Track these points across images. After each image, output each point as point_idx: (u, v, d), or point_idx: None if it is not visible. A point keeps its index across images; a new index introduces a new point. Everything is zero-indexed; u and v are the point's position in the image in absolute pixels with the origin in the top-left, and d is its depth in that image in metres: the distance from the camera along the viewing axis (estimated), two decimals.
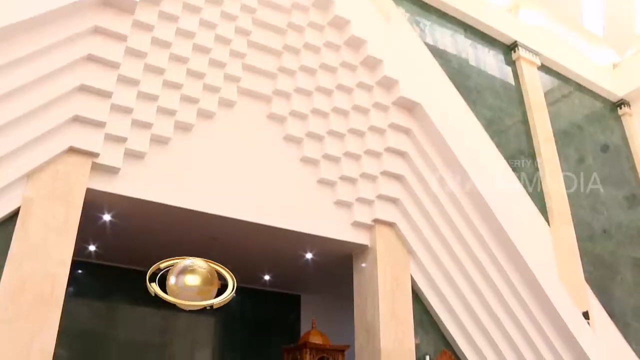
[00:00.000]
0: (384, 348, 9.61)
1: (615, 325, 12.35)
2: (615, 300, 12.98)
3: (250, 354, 13.13)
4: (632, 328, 12.87)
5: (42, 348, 6.82)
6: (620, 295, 13.19)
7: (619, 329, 12.37)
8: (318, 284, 13.22)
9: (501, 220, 10.60)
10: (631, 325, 12.91)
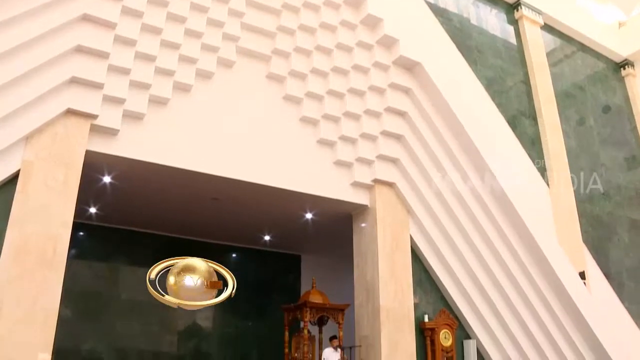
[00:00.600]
0: (383, 307, 9.77)
1: (610, 285, 12.50)
2: (611, 261, 13.10)
3: (251, 313, 13.31)
4: (627, 287, 13.03)
5: (47, 308, 6.97)
6: (616, 256, 13.31)
7: (613, 288, 12.53)
8: (318, 244, 13.34)
9: (500, 180, 10.62)
10: (626, 284, 13.07)
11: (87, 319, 11.54)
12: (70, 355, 11.10)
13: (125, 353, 11.93)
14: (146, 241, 12.52)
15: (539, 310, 10.93)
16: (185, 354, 12.70)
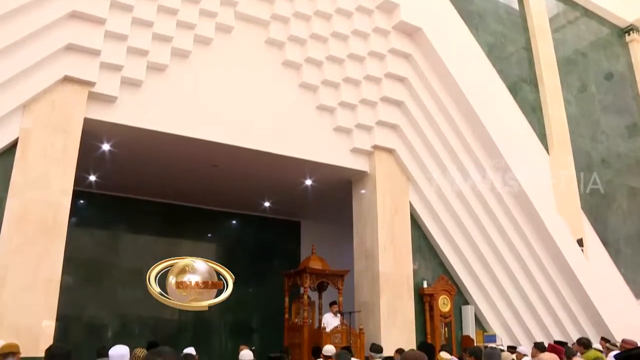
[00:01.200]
0: (383, 273, 9.86)
1: (607, 252, 12.59)
2: (609, 228, 13.17)
3: (252, 279, 13.41)
4: (623, 254, 13.13)
5: (49, 275, 7.04)
6: (614, 223, 13.37)
7: (610, 255, 12.62)
8: (318, 210, 13.38)
9: (500, 147, 10.61)
10: (622, 251, 13.16)
11: (89, 286, 11.65)
12: (73, 322, 11.25)
13: (127, 320, 12.07)
14: (146, 208, 12.57)
15: (537, 276, 11.03)
16: (186, 321, 12.85)
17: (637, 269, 13.32)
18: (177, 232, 13.00)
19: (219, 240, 13.79)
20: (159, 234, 12.86)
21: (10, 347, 5.18)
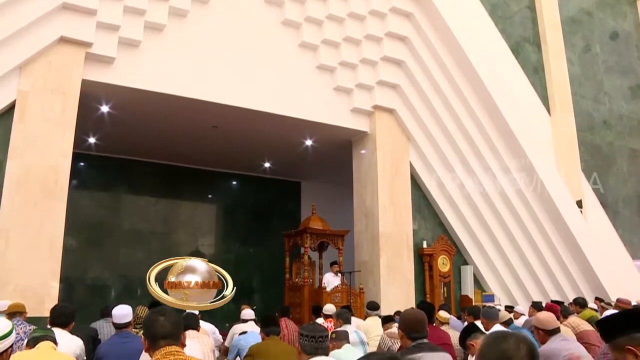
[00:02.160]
0: (383, 233, 9.92)
1: (605, 213, 12.64)
2: (608, 190, 13.18)
3: (252, 240, 13.53)
4: (621, 216, 13.18)
5: (52, 237, 7.09)
6: (614, 185, 13.38)
7: (609, 216, 12.68)
8: (318, 170, 13.39)
9: (502, 108, 10.53)
10: (620, 213, 13.21)
11: (91, 247, 11.76)
12: (77, 283, 11.39)
13: (129, 280, 12.20)
14: (146, 170, 12.58)
15: (535, 237, 11.10)
16: None
17: (635, 230, 13.41)
18: (177, 194, 13.04)
19: (219, 201, 13.84)
20: (159, 196, 12.90)
21: (17, 307, 5.25)
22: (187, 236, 13.14)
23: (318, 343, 2.97)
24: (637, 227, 13.59)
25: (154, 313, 2.57)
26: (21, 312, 5.22)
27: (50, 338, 3.53)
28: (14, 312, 5.12)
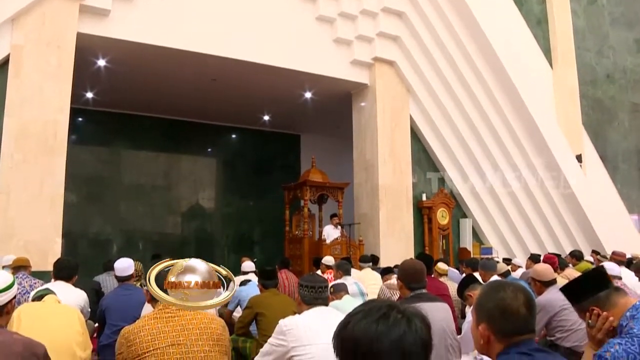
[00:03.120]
0: (382, 185, 9.93)
1: (605, 168, 12.63)
2: (609, 144, 13.14)
3: (252, 193, 13.57)
4: (620, 170, 13.18)
5: (52, 193, 7.10)
6: (614, 139, 13.32)
7: (608, 171, 12.67)
8: (317, 123, 13.32)
9: (503, 60, 10.37)
10: (620, 167, 13.21)
11: (93, 203, 11.79)
12: (79, 238, 11.48)
13: (131, 234, 12.31)
14: (146, 124, 12.50)
15: (534, 191, 11.12)
16: (189, 234, 13.11)
17: (633, 185, 13.44)
18: (177, 148, 13.01)
19: (219, 155, 13.81)
20: (159, 150, 12.86)
21: (21, 261, 5.30)
22: (187, 190, 13.17)
23: (318, 293, 3.01)
24: (636, 181, 13.61)
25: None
26: (25, 267, 5.28)
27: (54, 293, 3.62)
28: (19, 267, 5.19)
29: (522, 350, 1.51)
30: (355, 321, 1.17)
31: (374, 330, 1.13)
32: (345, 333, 1.17)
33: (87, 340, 3.57)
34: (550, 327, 3.95)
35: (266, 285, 4.61)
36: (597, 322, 1.96)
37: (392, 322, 1.14)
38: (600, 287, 2.00)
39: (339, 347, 1.19)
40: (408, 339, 1.13)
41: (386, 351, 1.12)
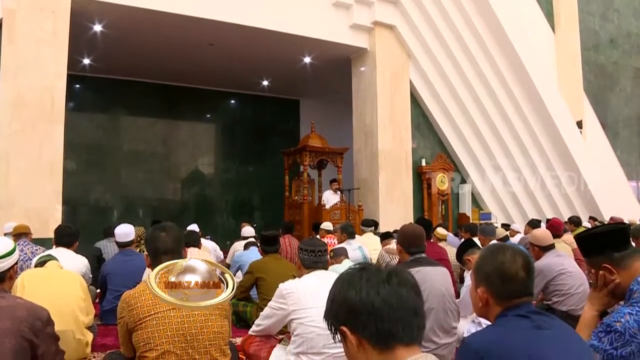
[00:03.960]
0: (382, 151, 9.92)
1: (605, 134, 12.59)
2: (610, 110, 13.07)
3: (251, 158, 13.54)
4: (621, 137, 13.15)
5: (51, 160, 7.10)
6: (616, 105, 13.24)
7: (608, 137, 12.64)
8: (317, 88, 13.21)
9: (504, 23, 10.21)
10: (620, 134, 13.17)
11: (92, 169, 11.78)
12: (80, 205, 11.51)
13: (131, 201, 12.34)
14: (144, 90, 12.40)
15: (534, 156, 11.11)
16: (188, 200, 13.14)
17: (633, 151, 13.43)
18: (176, 114, 12.93)
19: (218, 121, 13.74)
20: (158, 116, 12.79)
21: (22, 229, 5.32)
22: (186, 156, 13.15)
23: (317, 257, 3.02)
24: (636, 148, 13.60)
25: (156, 229, 2.60)
26: (26, 234, 5.30)
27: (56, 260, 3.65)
28: (20, 234, 5.21)
29: (520, 312, 1.52)
30: (351, 284, 1.19)
31: (375, 286, 1.17)
32: (345, 293, 1.19)
33: (90, 306, 3.62)
34: (547, 292, 3.99)
35: (267, 250, 4.63)
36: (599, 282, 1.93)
37: (395, 282, 1.18)
38: (618, 246, 1.91)
39: (338, 309, 1.20)
40: (406, 295, 1.17)
41: (387, 301, 1.15)
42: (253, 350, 3.04)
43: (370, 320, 1.15)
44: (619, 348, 1.67)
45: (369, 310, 1.15)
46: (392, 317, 1.14)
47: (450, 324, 3.28)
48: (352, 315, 1.17)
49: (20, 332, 2.01)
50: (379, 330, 1.14)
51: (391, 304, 1.15)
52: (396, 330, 1.14)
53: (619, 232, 1.96)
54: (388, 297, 1.15)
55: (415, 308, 1.18)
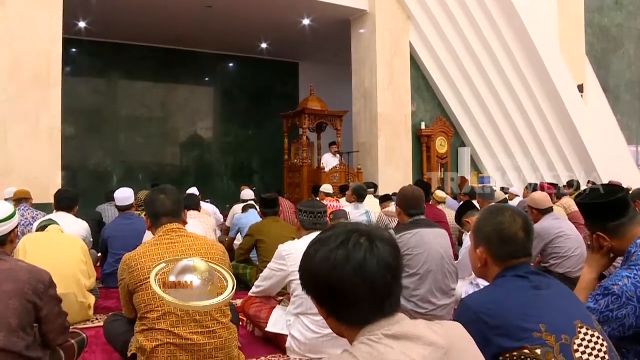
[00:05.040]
0: (381, 114, 9.86)
1: (606, 98, 12.50)
2: (612, 74, 12.95)
3: (251, 122, 13.47)
4: (622, 101, 13.06)
5: (49, 126, 7.06)
6: (618, 69, 13.12)
7: (609, 101, 12.55)
8: (316, 51, 13.05)
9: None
10: (621, 98, 13.08)
11: (91, 135, 11.72)
12: (80, 171, 11.50)
13: (130, 166, 12.31)
14: (141, 54, 12.26)
15: (534, 120, 11.06)
16: (188, 165, 13.13)
17: (634, 115, 13.36)
18: (174, 77, 12.79)
19: (217, 84, 13.61)
20: (156, 80, 12.66)
21: (22, 194, 5.33)
22: (185, 120, 13.07)
23: (317, 218, 3.03)
24: (637, 112, 13.52)
25: (155, 191, 2.61)
26: (27, 199, 5.31)
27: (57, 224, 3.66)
28: (20, 199, 5.22)
29: (518, 273, 1.53)
30: (313, 251, 1.09)
31: (332, 259, 1.05)
32: (305, 264, 1.11)
33: (91, 269, 3.65)
34: (545, 254, 4.03)
35: (266, 213, 4.64)
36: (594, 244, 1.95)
37: (351, 248, 1.06)
38: (614, 217, 1.90)
39: (302, 278, 1.13)
40: (370, 264, 1.04)
41: (347, 280, 1.03)
42: (253, 312, 3.08)
43: (333, 299, 1.07)
44: (615, 310, 1.69)
45: (331, 290, 1.06)
46: (356, 298, 1.05)
47: (449, 286, 3.31)
48: (316, 290, 1.10)
49: (23, 294, 2.03)
50: (342, 310, 1.07)
51: (352, 283, 1.04)
52: (361, 310, 1.06)
53: (615, 204, 1.94)
54: (350, 276, 1.03)
55: (384, 282, 1.05)
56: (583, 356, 1.37)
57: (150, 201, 2.55)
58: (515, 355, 1.36)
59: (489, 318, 1.41)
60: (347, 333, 1.09)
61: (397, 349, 1.01)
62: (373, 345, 1.02)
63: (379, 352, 1.00)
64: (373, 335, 1.03)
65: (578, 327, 1.41)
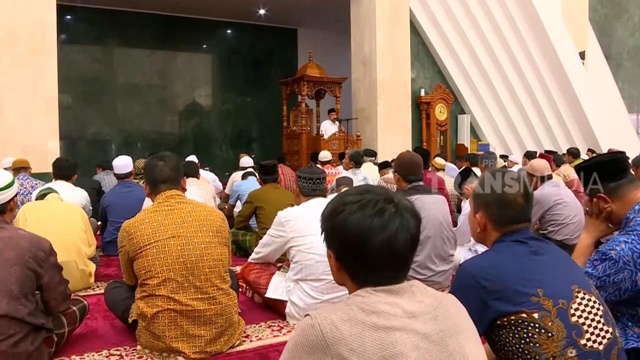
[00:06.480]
0: (380, 80, 9.78)
1: (608, 66, 12.38)
2: (614, 41, 12.80)
3: (249, 89, 13.38)
4: (624, 68, 12.94)
5: (46, 94, 6.99)
6: (621, 36, 12.96)
7: (611, 69, 12.43)
8: (314, 17, 12.86)
9: None
10: (624, 65, 12.96)
11: (88, 104, 11.65)
12: (78, 140, 11.47)
13: (129, 134, 12.28)
14: (138, 21, 12.11)
15: (534, 86, 10.98)
16: (186, 132, 13.09)
17: (636, 83, 13.25)
18: (172, 45, 12.65)
19: (215, 51, 13.47)
20: (154, 47, 12.52)
21: (21, 163, 5.31)
22: (183, 88, 12.97)
23: (315, 185, 3.03)
24: (639, 79, 13.40)
25: (154, 158, 2.60)
26: (26, 168, 5.29)
27: (56, 192, 3.66)
28: (19, 168, 5.20)
29: (517, 238, 1.53)
30: (350, 211, 1.12)
31: (368, 226, 1.09)
32: (338, 221, 1.13)
33: (91, 237, 3.67)
34: (543, 221, 4.04)
35: (266, 180, 4.64)
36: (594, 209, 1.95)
37: (387, 219, 1.09)
38: (613, 176, 1.91)
39: (328, 232, 1.16)
40: (400, 238, 1.09)
41: (376, 248, 1.08)
42: (253, 278, 3.10)
43: (356, 261, 1.11)
44: (612, 275, 1.70)
45: (356, 253, 1.10)
46: (378, 266, 1.10)
47: (447, 252, 3.33)
48: (340, 247, 1.14)
49: (24, 262, 2.05)
50: (359, 272, 1.12)
51: (380, 252, 1.08)
52: (378, 275, 1.10)
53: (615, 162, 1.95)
54: (380, 246, 1.07)
55: (406, 256, 1.12)
56: (579, 320, 1.38)
57: (149, 168, 2.55)
58: (513, 319, 1.37)
59: (488, 282, 1.42)
60: (350, 285, 1.15)
61: (388, 300, 1.07)
62: (366, 296, 1.08)
63: (370, 301, 1.07)
64: (370, 288, 1.09)
65: (575, 292, 1.42)
